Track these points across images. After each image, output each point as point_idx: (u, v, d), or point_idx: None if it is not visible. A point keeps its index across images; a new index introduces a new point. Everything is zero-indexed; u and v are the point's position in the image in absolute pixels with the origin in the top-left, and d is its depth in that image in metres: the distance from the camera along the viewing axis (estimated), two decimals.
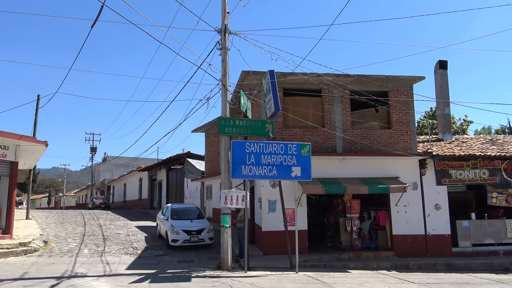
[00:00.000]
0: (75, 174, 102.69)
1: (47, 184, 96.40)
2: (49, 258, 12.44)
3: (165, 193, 33.68)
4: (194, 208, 17.32)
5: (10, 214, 14.75)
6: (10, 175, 15.03)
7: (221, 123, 11.87)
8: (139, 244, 15.52)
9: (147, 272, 10.64)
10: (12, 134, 14.36)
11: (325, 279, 10.26)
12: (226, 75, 12.19)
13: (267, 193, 13.81)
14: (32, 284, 8.77)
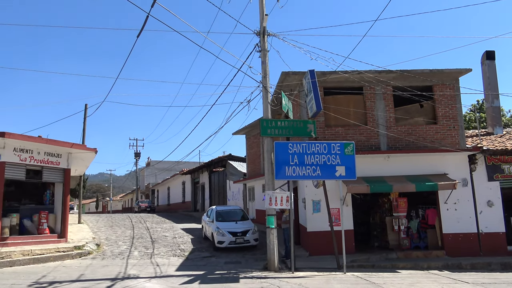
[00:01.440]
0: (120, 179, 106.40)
1: (95, 190, 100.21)
2: (102, 261, 12.95)
3: (208, 196, 34.19)
4: (238, 209, 17.50)
5: (64, 218, 15.48)
6: (63, 181, 15.77)
7: (263, 125, 11.93)
8: (186, 246, 15.85)
9: (196, 273, 10.85)
10: (64, 142, 15.08)
11: (374, 280, 10.09)
12: (266, 76, 12.26)
13: (311, 193, 13.74)
14: (89, 286, 9.17)
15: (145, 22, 8.53)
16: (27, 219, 14.72)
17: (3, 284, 9.33)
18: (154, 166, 56.93)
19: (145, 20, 8.39)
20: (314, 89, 11.94)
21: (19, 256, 12.28)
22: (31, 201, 16.20)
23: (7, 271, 11.15)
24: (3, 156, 13.61)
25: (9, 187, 15.09)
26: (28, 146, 14.28)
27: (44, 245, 13.70)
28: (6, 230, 13.68)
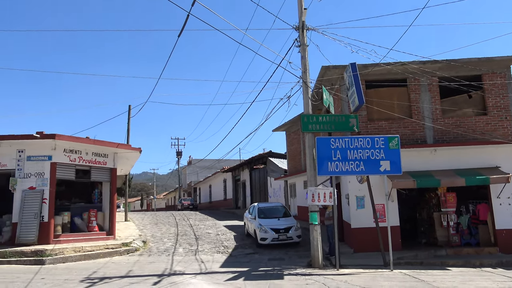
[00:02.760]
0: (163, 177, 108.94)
1: (139, 188, 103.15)
2: (149, 257, 13.28)
3: (249, 193, 34.36)
4: (280, 206, 17.44)
5: (112, 216, 16.01)
6: (110, 180, 16.31)
7: (303, 121, 11.80)
8: (229, 243, 15.97)
9: (240, 270, 10.90)
10: (111, 142, 15.59)
11: (423, 277, 9.76)
12: (306, 71, 12.11)
13: (355, 189, 13.47)
14: (137, 281, 9.41)
15: (186, 21, 8.62)
16: (78, 217, 15.35)
17: (58, 279, 9.75)
18: (196, 165, 57.91)
19: (186, 19, 8.49)
20: (355, 83, 11.68)
21: (71, 253, 12.81)
22: (80, 200, 16.89)
23: (60, 267, 11.66)
24: (54, 157, 14.23)
25: (60, 186, 15.78)
26: (77, 147, 14.85)
27: (94, 242, 14.23)
28: (58, 228, 14.31)
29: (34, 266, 11.60)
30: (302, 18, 12.18)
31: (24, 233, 13.49)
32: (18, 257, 12.20)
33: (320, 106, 13.22)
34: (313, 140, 11.90)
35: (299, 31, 12.20)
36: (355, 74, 11.76)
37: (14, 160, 14.19)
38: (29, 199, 13.83)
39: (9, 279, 9.78)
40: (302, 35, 12.12)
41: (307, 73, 12.12)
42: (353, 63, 11.99)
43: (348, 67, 12.12)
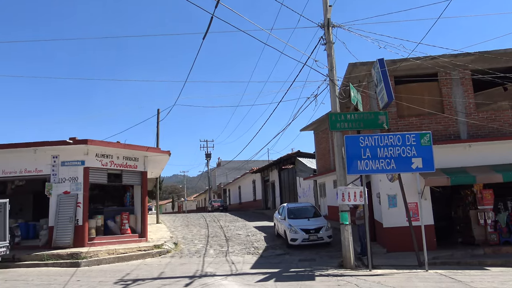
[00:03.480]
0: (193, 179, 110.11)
1: (170, 191, 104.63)
2: (180, 259, 13.41)
3: (278, 193, 34.26)
4: (310, 206, 17.29)
5: (144, 219, 16.27)
6: (141, 183, 16.59)
7: (331, 119, 11.64)
8: (260, 244, 15.94)
9: (271, 271, 10.85)
10: (141, 146, 15.86)
11: (459, 277, 9.42)
12: (333, 69, 11.94)
13: (386, 187, 13.18)
14: (169, 283, 9.51)
15: (210, 24, 8.65)
16: (111, 220, 15.68)
17: (92, 281, 9.97)
18: (225, 166, 58.26)
19: (210, 22, 8.51)
20: (384, 79, 11.42)
21: (105, 255, 13.09)
22: (113, 203, 17.26)
23: (95, 269, 11.93)
24: (87, 162, 14.59)
25: (93, 190, 16.17)
26: (108, 152, 15.17)
27: (127, 245, 14.49)
28: (92, 231, 14.65)
29: (70, 269, 11.93)
30: (327, 15, 12.01)
31: (60, 236, 13.88)
32: (55, 260, 12.57)
33: (348, 104, 13.01)
34: (342, 138, 11.73)
35: (324, 28, 12.04)
36: (383, 70, 11.50)
37: (49, 165, 14.64)
38: (64, 203, 14.23)
39: (47, 282, 10.08)
40: (327, 32, 11.96)
41: (334, 71, 11.95)
42: (381, 59, 11.74)
43: (376, 63, 11.88)
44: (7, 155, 14.78)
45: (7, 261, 12.38)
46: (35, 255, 12.88)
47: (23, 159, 14.68)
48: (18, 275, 11.21)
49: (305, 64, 12.25)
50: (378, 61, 11.76)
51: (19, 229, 15.00)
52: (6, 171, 14.85)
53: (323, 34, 12.02)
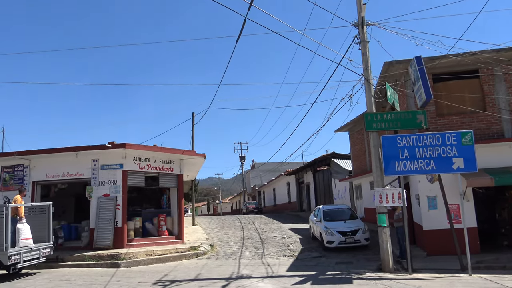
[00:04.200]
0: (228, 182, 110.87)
1: (205, 193, 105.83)
2: (216, 261, 13.50)
3: (313, 195, 33.96)
4: (346, 208, 17.02)
5: (180, 221, 16.50)
6: (177, 186, 16.84)
7: (367, 119, 11.41)
8: (295, 246, 15.84)
9: (307, 274, 10.74)
10: (176, 149, 16.11)
11: (506, 283, 8.99)
12: (368, 69, 11.72)
13: (425, 188, 12.78)
14: (206, 285, 9.59)
15: (243, 26, 8.67)
16: (148, 222, 15.99)
17: (132, 282, 10.20)
18: (259, 168, 58.32)
19: (243, 24, 8.53)
20: (422, 77, 11.09)
21: (143, 256, 13.36)
22: (150, 205, 17.60)
23: (134, 270, 12.20)
24: (125, 165, 14.96)
25: (131, 193, 16.55)
26: (145, 155, 15.50)
27: (164, 246, 14.73)
28: (131, 233, 14.99)
29: (110, 269, 12.25)
30: (361, 13, 11.81)
31: (101, 238, 14.29)
32: (96, 261, 12.95)
33: (384, 104, 12.72)
34: (378, 139, 11.48)
35: (358, 27, 11.84)
36: (420, 67, 11.18)
37: (89, 169, 15.12)
38: (104, 205, 14.64)
39: (89, 282, 10.39)
40: (362, 31, 11.75)
41: (369, 70, 11.73)
42: (418, 57, 11.42)
43: (413, 61, 11.56)
44: (50, 159, 15.39)
45: (51, 262, 12.87)
46: (77, 255, 13.32)
47: (66, 163, 15.24)
48: (62, 275, 11.63)
49: (339, 64, 12.10)
50: (415, 59, 11.45)
51: (62, 230, 15.58)
52: (50, 175, 15.46)
53: (357, 33, 11.82)
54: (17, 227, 11.25)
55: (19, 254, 10.93)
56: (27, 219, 11.77)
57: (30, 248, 11.42)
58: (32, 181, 15.57)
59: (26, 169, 15.66)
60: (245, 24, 8.73)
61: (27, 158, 15.48)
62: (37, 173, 15.60)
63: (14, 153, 15.31)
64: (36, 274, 11.96)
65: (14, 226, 11.16)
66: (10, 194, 15.02)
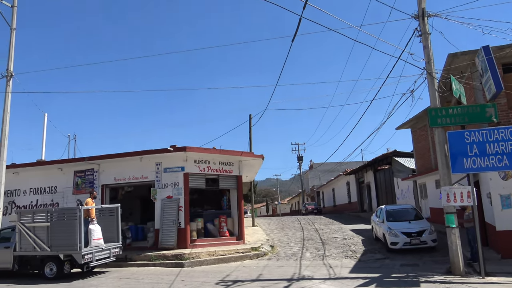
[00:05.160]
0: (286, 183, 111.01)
1: (264, 194, 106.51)
2: (277, 261, 13.50)
3: (374, 195, 33.02)
4: (410, 208, 16.34)
5: (240, 222, 16.70)
6: (237, 187, 17.06)
7: (431, 115, 10.89)
8: (357, 248, 15.46)
9: (371, 276, 10.43)
10: (235, 151, 16.34)
11: None
12: (430, 62, 11.18)
13: (498, 186, 11.94)
14: (268, 285, 9.61)
15: (298, 26, 8.61)
16: (210, 223, 16.35)
17: (195, 281, 10.46)
18: (317, 169, 57.77)
19: (298, 23, 8.47)
20: (490, 68, 10.41)
21: (206, 257, 13.67)
22: (211, 206, 17.98)
23: (197, 269, 12.51)
24: (186, 168, 15.41)
25: (193, 195, 17.01)
26: (205, 157, 15.87)
27: (225, 247, 14.98)
28: (194, 233, 15.41)
29: (175, 269, 12.65)
30: (421, 5, 11.30)
31: (165, 238, 14.81)
32: (161, 260, 13.44)
33: (449, 98, 12.08)
34: (444, 135, 10.91)
35: (419, 19, 11.33)
36: (489, 58, 10.49)
37: (153, 172, 15.74)
38: (168, 207, 15.17)
39: (155, 280, 10.80)
40: (422, 23, 11.24)
41: (431, 63, 11.18)
42: (485, 46, 10.73)
43: (480, 51, 10.88)
44: (117, 164, 16.23)
45: (120, 261, 13.55)
46: (144, 255, 13.90)
47: (131, 167, 15.99)
48: (130, 273, 12.19)
49: (399, 58, 11.63)
50: (482, 49, 10.77)
51: (129, 231, 16.36)
52: (117, 178, 16.29)
53: (418, 25, 11.32)
54: (89, 228, 11.97)
55: (91, 253, 11.60)
56: (97, 221, 12.48)
57: (101, 248, 12.09)
58: (102, 185, 16.50)
59: (96, 173, 16.62)
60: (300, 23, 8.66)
61: (96, 163, 16.43)
62: (105, 177, 16.51)
63: (85, 158, 16.30)
64: (107, 272, 12.64)
65: (87, 227, 11.87)
66: (82, 197, 16.03)
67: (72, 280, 11.43)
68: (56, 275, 11.65)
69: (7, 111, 15.75)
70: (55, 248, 11.63)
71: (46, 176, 17.58)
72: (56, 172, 17.34)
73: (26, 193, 17.92)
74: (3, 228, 13.77)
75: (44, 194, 17.56)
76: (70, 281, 11.37)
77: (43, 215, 12.12)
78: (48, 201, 17.35)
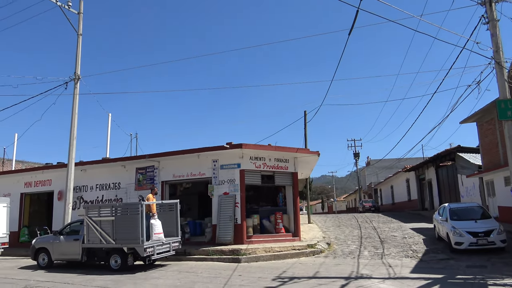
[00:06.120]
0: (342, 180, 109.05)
1: (319, 191, 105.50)
2: (334, 259, 13.30)
3: (436, 193, 31.58)
4: (476, 207, 15.43)
5: (296, 219, 16.63)
6: (292, 184, 17.00)
7: (500, 107, 10.23)
8: (418, 247, 14.86)
9: (433, 276, 9.97)
10: (290, 148, 16.28)
11: None
12: (499, 50, 10.48)
13: None
14: (325, 283, 9.48)
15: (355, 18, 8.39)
16: (265, 219, 16.43)
17: (252, 277, 10.55)
18: (374, 165, 56.27)
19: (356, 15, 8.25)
20: None
21: (262, 253, 13.75)
22: (267, 203, 18.07)
23: (253, 265, 12.62)
24: (242, 164, 15.58)
25: (249, 191, 17.17)
26: (260, 154, 15.95)
27: (281, 243, 14.98)
28: (250, 230, 15.55)
29: (232, 264, 12.85)
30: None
31: (222, 234, 15.08)
32: (218, 255, 13.70)
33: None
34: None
35: (485, 5, 10.66)
36: None
37: (210, 169, 16.07)
38: (224, 203, 15.43)
39: (213, 275, 11.03)
40: (490, 9, 10.56)
41: (500, 52, 10.48)
42: None
43: None
44: (176, 161, 16.74)
45: (180, 255, 13.98)
46: (202, 250, 14.25)
47: (189, 164, 16.43)
48: (189, 267, 12.54)
49: (463, 48, 11.00)
50: None
51: (188, 226, 16.83)
52: (176, 175, 16.82)
53: (485, 12, 10.66)
54: (151, 223, 12.45)
55: (152, 247, 12.06)
56: (158, 216, 12.94)
57: (162, 242, 12.54)
58: (161, 181, 17.11)
59: (156, 170, 17.25)
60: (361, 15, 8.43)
61: (156, 160, 17.05)
62: (165, 173, 17.09)
63: (146, 156, 16.98)
64: (167, 265, 13.09)
65: (148, 221, 12.36)
66: (143, 193, 16.72)
67: (135, 272, 11.95)
68: (121, 266, 12.24)
69: (75, 112, 16.77)
70: (119, 241, 12.22)
71: (111, 173, 18.52)
72: (119, 169, 18.21)
73: (93, 189, 18.98)
74: (73, 222, 14.70)
75: (108, 190, 18.51)
76: (133, 272, 11.89)
77: (108, 210, 12.77)
78: (112, 196, 18.28)
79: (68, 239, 13.71)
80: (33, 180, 21.16)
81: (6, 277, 12.10)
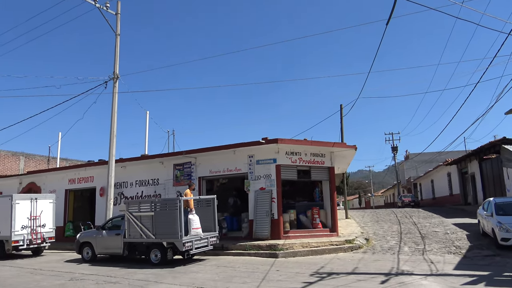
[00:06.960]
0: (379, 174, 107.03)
1: (356, 186, 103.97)
2: (373, 255, 13.06)
3: (480, 187, 30.38)
4: None
5: (333, 214, 16.46)
6: (329, 179, 16.82)
7: None
8: (461, 243, 14.37)
9: (478, 273, 9.61)
10: (327, 142, 16.11)
11: None
12: None
13: None
14: (364, 279, 9.33)
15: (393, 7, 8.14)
16: (302, 214, 16.35)
17: (290, 272, 10.54)
18: (414, 159, 54.80)
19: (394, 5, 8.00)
20: None
21: (299, 248, 13.70)
22: (303, 198, 17.97)
23: (291, 260, 12.59)
24: (278, 159, 15.56)
25: (285, 186, 17.13)
26: (296, 149, 15.87)
27: (318, 239, 14.87)
28: (287, 225, 15.53)
29: (269, 259, 12.88)
30: None
31: (259, 229, 15.14)
32: (255, 250, 13.76)
33: None
34: None
35: None
36: None
37: (246, 164, 16.14)
38: (261, 198, 15.47)
39: (251, 270, 11.09)
40: None
41: None
42: None
43: None
44: (212, 157, 16.93)
45: (217, 249, 14.16)
46: (239, 245, 14.36)
47: (225, 160, 16.58)
48: (227, 262, 12.67)
49: (509, 33, 10.47)
50: None
51: (225, 221, 17.02)
52: (213, 171, 17.01)
53: None
54: (189, 218, 12.66)
55: (191, 241, 12.27)
56: (196, 211, 13.14)
57: (200, 237, 12.74)
58: (198, 177, 17.36)
59: (193, 166, 17.51)
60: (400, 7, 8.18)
61: (193, 156, 17.30)
62: (202, 169, 17.32)
63: (183, 152, 17.27)
64: (205, 260, 13.28)
65: (186, 217, 12.58)
66: (181, 189, 17.03)
67: (174, 266, 12.20)
68: (160, 261, 12.53)
69: (114, 110, 17.26)
70: (159, 236, 12.50)
71: (149, 169, 18.97)
72: (157, 166, 18.62)
73: (132, 185, 19.51)
74: (114, 217, 15.17)
75: (148, 186, 18.98)
76: (173, 267, 12.15)
77: (148, 205, 13.08)
78: (151, 192, 18.72)
79: (110, 234, 14.18)
80: (76, 177, 22.01)
81: (53, 269, 12.67)
